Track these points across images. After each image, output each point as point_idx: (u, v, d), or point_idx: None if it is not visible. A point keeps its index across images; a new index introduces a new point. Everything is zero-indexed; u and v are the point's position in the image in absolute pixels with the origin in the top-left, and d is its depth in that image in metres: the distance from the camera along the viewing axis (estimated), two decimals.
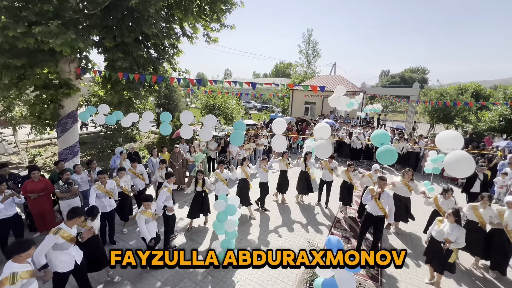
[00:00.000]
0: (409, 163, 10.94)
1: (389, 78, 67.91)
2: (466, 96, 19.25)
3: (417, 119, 23.39)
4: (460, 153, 2.42)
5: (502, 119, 12.74)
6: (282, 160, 7.35)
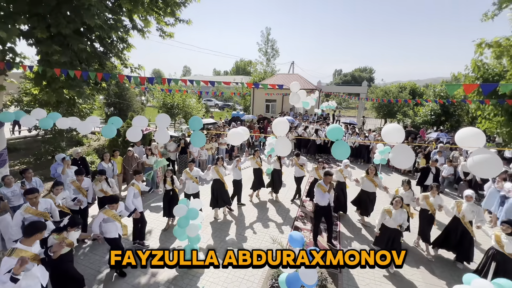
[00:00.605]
0: (361, 155, 11.97)
1: (341, 76, 73.14)
2: (405, 94, 21.81)
3: (366, 114, 25.70)
4: (402, 146, 2.70)
5: (433, 113, 14.74)
6: (253, 158, 7.38)
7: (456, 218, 4.88)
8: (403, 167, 2.81)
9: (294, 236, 3.20)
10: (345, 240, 5.75)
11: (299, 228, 6.29)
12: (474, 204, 4.68)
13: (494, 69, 7.48)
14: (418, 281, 4.54)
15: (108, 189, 5.53)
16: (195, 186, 6.22)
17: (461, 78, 7.65)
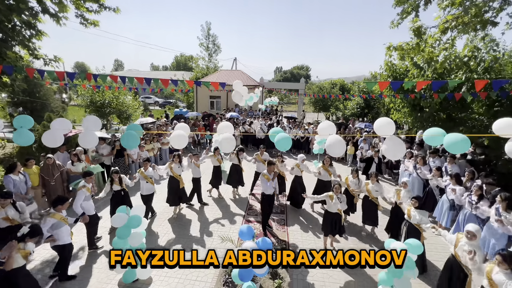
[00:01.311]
0: (302, 146, 12.95)
1: (282, 74, 77.07)
2: (336, 89, 24.46)
3: (306, 109, 27.85)
4: (334, 137, 3.06)
5: (358, 107, 16.97)
6: (214, 155, 7.25)
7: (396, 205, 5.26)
8: (336, 155, 3.17)
9: (243, 230, 3.27)
10: (298, 225, 6.25)
11: (250, 221, 6.45)
12: (409, 190, 5.29)
13: (400, 69, 9.08)
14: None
15: (16, 216, 4.26)
16: (150, 187, 6.00)
17: (377, 76, 9.00)
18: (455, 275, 3.66)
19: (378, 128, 3.07)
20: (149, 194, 6.12)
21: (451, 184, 5.90)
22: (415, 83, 3.86)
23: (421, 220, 4.29)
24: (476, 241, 3.43)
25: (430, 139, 3.08)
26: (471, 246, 3.42)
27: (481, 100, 7.42)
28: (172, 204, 6.47)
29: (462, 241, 3.55)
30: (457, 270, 3.63)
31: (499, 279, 2.98)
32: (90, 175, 5.10)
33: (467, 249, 3.42)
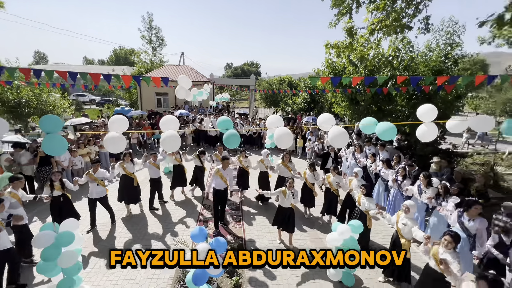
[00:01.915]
0: (255, 142, 13.13)
1: (232, 70, 76.77)
2: (284, 85, 25.50)
3: (257, 104, 28.35)
4: (282, 130, 3.14)
5: (305, 102, 18.03)
6: (173, 154, 6.93)
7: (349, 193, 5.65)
8: (285, 147, 3.27)
9: (194, 233, 3.11)
10: (256, 220, 6.29)
11: (205, 221, 6.25)
12: (360, 180, 5.70)
13: (339, 66, 9.91)
14: (305, 239, 5.57)
15: None
16: (101, 190, 5.57)
17: (320, 72, 9.65)
18: (397, 245, 4.08)
19: (321, 123, 3.30)
20: (101, 198, 5.65)
21: (383, 168, 6.74)
22: (351, 79, 4.25)
23: (369, 206, 4.69)
24: (410, 213, 3.95)
25: (365, 128, 3.42)
26: (407, 218, 3.92)
27: (403, 93, 8.64)
28: (126, 202, 6.25)
29: (402, 216, 4.04)
30: (399, 241, 4.05)
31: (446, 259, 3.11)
32: (18, 180, 4.66)
33: (405, 222, 3.89)
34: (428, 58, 8.82)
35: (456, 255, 3.08)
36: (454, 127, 3.44)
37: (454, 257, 3.06)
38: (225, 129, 3.13)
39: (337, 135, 3.02)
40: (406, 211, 3.96)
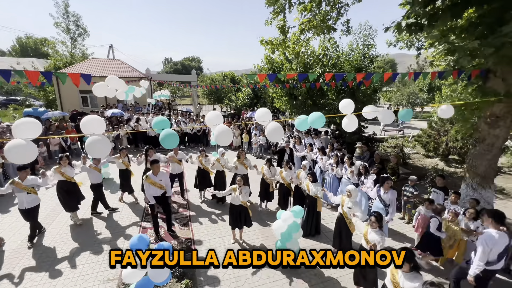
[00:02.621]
0: (200, 140, 12.78)
1: (172, 65, 72.34)
2: (227, 81, 25.42)
3: (201, 101, 27.53)
4: (221, 127, 3.14)
5: (249, 97, 18.37)
6: (119, 157, 6.44)
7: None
8: (225, 144, 3.27)
9: (133, 243, 2.87)
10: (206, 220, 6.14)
11: (146, 227, 5.83)
12: (290, 171, 6.06)
13: (277, 62, 10.41)
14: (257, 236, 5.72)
15: None
16: (33, 198, 4.96)
17: (260, 69, 9.97)
18: (343, 229, 4.52)
19: (259, 117, 3.42)
20: (32, 208, 4.90)
21: (319, 155, 7.45)
22: (285, 75, 4.53)
23: (316, 190, 5.11)
24: (352, 198, 4.37)
25: (299, 125, 3.71)
26: (350, 202, 4.33)
27: (332, 88, 9.65)
28: (69, 210, 5.72)
29: (346, 200, 4.42)
30: (344, 224, 4.49)
31: (372, 238, 3.45)
32: None
33: (350, 205, 4.31)
34: (351, 57, 10.05)
35: (381, 233, 3.47)
36: (368, 115, 4.05)
37: (379, 234, 3.45)
38: (162, 129, 2.95)
39: (273, 130, 3.19)
40: (349, 195, 4.38)
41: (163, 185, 5.18)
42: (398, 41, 7.65)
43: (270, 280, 4.28)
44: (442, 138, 10.93)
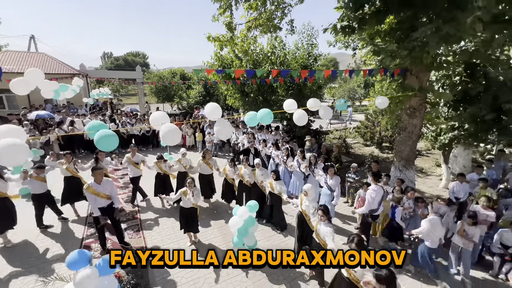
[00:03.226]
0: (150, 141, 11.97)
1: (112, 60, 65.44)
2: (177, 78, 24.23)
3: (148, 100, 25.68)
4: (167, 126, 3.00)
5: (201, 95, 17.89)
6: (63, 163, 5.82)
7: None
8: (172, 144, 3.12)
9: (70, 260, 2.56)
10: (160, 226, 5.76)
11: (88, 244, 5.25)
12: (262, 169, 6.01)
13: (227, 59, 10.37)
14: (214, 230, 5.70)
15: None
16: None
17: (210, 65, 9.79)
18: (304, 225, 4.55)
19: (208, 113, 3.37)
20: None
21: (273, 150, 7.74)
22: (233, 71, 4.55)
23: (281, 188, 5.22)
24: (309, 196, 4.39)
25: (249, 121, 3.79)
26: (307, 200, 4.36)
27: (282, 85, 10.08)
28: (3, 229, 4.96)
29: (304, 198, 4.45)
30: (304, 220, 4.52)
31: (322, 231, 3.58)
32: None
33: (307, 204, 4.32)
34: (297, 55, 10.63)
35: (330, 225, 3.65)
36: (311, 108, 4.39)
37: (328, 226, 3.59)
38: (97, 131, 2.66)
39: (222, 127, 3.20)
40: (305, 194, 4.42)
41: (108, 194, 4.66)
42: (336, 42, 8.39)
43: (229, 277, 4.32)
44: (376, 129, 12.45)
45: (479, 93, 6.01)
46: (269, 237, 5.52)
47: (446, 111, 7.09)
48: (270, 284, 4.20)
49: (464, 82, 6.53)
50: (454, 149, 7.98)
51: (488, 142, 7.25)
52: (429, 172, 9.71)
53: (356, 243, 3.05)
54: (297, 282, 4.25)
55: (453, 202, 5.86)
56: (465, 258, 4.32)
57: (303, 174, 6.54)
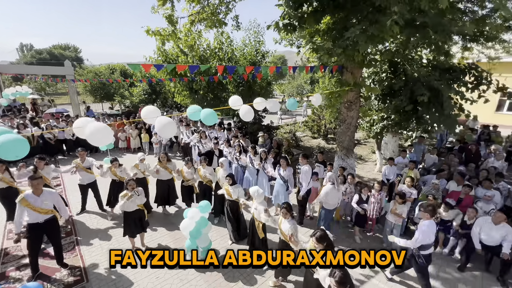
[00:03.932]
0: (88, 145, 10.59)
1: (34, 54, 55.64)
2: (116, 75, 21.92)
3: (84, 99, 22.68)
4: (93, 127, 2.64)
5: (145, 93, 16.59)
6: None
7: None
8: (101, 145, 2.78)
9: None
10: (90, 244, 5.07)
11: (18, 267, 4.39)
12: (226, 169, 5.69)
13: (172, 55, 9.78)
14: (164, 236, 5.35)
15: None
16: None
17: (152, 60, 9.09)
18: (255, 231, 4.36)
19: (145, 115, 3.11)
20: None
21: (225, 148, 7.65)
22: (174, 66, 4.29)
23: (239, 194, 4.84)
24: (257, 199, 4.14)
25: (191, 115, 3.63)
26: (257, 203, 4.17)
27: (231, 81, 10.01)
28: None
29: (254, 202, 4.25)
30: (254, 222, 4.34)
31: (285, 228, 3.57)
32: None
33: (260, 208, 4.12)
34: (245, 51, 10.66)
35: (293, 222, 3.63)
36: (258, 105, 4.45)
37: (291, 223, 3.58)
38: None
39: (164, 126, 2.99)
40: (253, 198, 4.22)
41: (49, 209, 4.00)
42: (282, 40, 8.66)
43: (182, 283, 4.13)
44: (322, 122, 13.42)
45: (400, 88, 6.94)
46: (223, 236, 5.44)
47: (376, 104, 8.02)
48: (226, 282, 4.16)
49: (389, 78, 7.48)
50: (384, 136, 9.10)
51: (410, 130, 8.47)
52: (367, 158, 10.91)
53: (317, 238, 2.97)
54: (253, 277, 4.30)
55: (385, 183, 6.71)
56: (396, 232, 4.99)
57: (256, 170, 6.64)
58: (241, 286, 4.10)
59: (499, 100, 14.57)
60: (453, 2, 5.93)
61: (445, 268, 4.70)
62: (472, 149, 8.13)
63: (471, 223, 4.64)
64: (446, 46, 5.96)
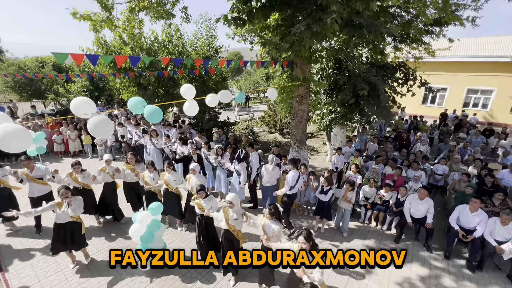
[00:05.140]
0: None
1: None
2: (48, 69, 19.06)
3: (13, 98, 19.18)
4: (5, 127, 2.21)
5: (86, 89, 14.82)
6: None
7: None
8: (13, 151, 2.31)
9: None
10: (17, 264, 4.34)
11: None
12: (200, 176, 5.04)
13: (114, 47, 8.88)
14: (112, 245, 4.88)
15: None
16: None
17: (90, 52, 8.12)
18: (234, 240, 3.85)
19: (76, 109, 2.72)
20: None
21: (178, 146, 7.31)
22: (112, 57, 3.88)
23: (212, 205, 4.18)
24: (235, 206, 3.71)
25: (133, 109, 3.34)
26: (236, 212, 3.72)
27: (183, 77, 9.57)
28: None
29: (229, 212, 3.76)
30: (232, 235, 3.81)
31: (269, 229, 3.50)
32: None
33: (232, 215, 3.71)
34: (197, 46, 10.29)
35: (277, 223, 3.51)
36: (210, 102, 4.34)
37: (275, 224, 3.50)
38: None
39: (97, 124, 2.64)
40: (231, 206, 3.74)
41: None
42: (234, 35, 8.57)
43: None
44: (277, 117, 13.83)
45: (344, 83, 7.54)
46: (180, 236, 5.24)
47: (324, 98, 8.57)
48: (184, 284, 4.00)
49: (335, 74, 8.05)
50: (333, 129, 9.81)
51: (354, 122, 9.29)
52: (319, 150, 11.65)
53: (305, 236, 2.90)
54: (212, 275, 4.23)
55: (334, 171, 7.26)
56: (346, 216, 5.44)
57: (211, 165, 6.54)
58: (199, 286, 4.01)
59: (424, 94, 16.98)
60: (385, 6, 6.66)
61: (384, 241, 5.33)
62: (404, 137, 9.31)
63: (403, 200, 5.35)
64: (381, 46, 6.66)
